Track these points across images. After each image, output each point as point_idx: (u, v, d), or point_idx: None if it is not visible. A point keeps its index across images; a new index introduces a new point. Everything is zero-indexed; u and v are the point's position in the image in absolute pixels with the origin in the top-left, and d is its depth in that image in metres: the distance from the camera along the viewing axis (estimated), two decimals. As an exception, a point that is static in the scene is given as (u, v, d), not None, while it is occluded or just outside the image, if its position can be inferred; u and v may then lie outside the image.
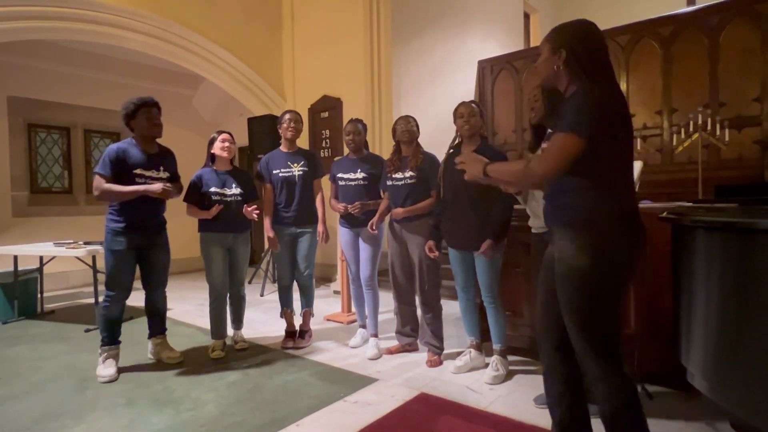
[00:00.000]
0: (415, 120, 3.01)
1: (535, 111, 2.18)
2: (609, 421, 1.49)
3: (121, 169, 2.74)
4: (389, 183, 3.00)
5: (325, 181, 3.36)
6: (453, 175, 2.68)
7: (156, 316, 3.09)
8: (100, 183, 2.70)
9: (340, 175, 3.22)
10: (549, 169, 1.45)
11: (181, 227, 3.34)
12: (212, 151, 3.15)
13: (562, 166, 1.43)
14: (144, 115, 2.81)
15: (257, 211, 3.07)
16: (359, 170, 3.16)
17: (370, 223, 3.04)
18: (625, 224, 1.46)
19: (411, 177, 2.90)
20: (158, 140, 2.98)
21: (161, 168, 2.91)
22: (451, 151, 2.79)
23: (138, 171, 2.79)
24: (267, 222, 3.25)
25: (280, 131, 3.31)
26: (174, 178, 3.03)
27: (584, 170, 1.44)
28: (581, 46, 1.50)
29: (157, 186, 2.76)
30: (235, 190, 3.12)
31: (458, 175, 2.64)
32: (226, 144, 3.13)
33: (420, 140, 3.06)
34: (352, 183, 3.16)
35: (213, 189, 3.07)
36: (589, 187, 1.46)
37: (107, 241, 2.80)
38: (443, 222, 2.75)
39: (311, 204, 3.28)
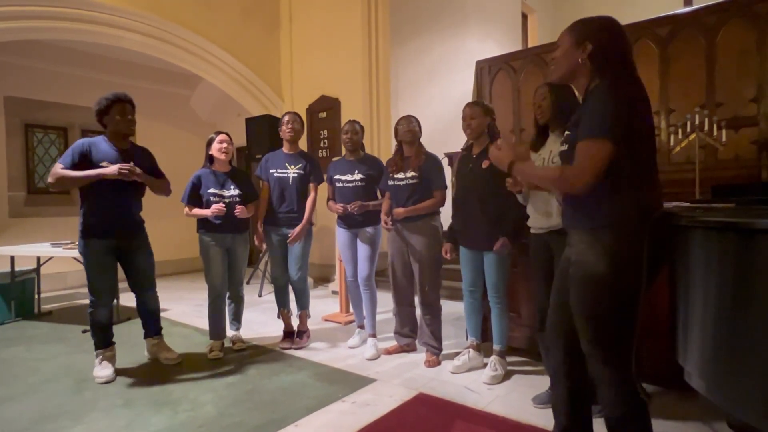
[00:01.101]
0: (417, 120, 3.01)
1: (542, 110, 2.15)
2: (614, 426, 1.47)
3: (86, 163, 2.65)
4: (391, 183, 3.00)
5: (322, 187, 3.36)
6: (464, 175, 2.70)
7: (149, 318, 3.06)
8: (55, 170, 2.60)
9: (337, 176, 3.22)
10: (587, 180, 1.37)
11: (179, 228, 3.34)
12: (210, 153, 3.14)
13: (599, 175, 1.36)
14: (117, 111, 2.75)
15: (243, 209, 3.05)
16: (356, 171, 3.16)
17: (382, 221, 3.02)
18: (644, 226, 1.41)
19: (413, 177, 2.90)
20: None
21: (131, 164, 2.73)
22: (464, 152, 2.81)
23: (104, 164, 2.67)
24: (259, 219, 3.26)
25: (280, 132, 3.31)
26: (154, 176, 2.92)
27: (608, 171, 1.37)
28: (608, 40, 1.44)
29: (112, 168, 2.60)
30: (233, 191, 3.11)
31: (469, 175, 2.67)
32: (224, 145, 3.12)
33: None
34: (350, 184, 3.16)
35: (211, 190, 3.06)
36: (612, 191, 1.40)
37: (80, 246, 2.74)
38: (454, 221, 2.76)
39: (304, 207, 3.26)
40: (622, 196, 1.40)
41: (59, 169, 2.61)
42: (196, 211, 3.06)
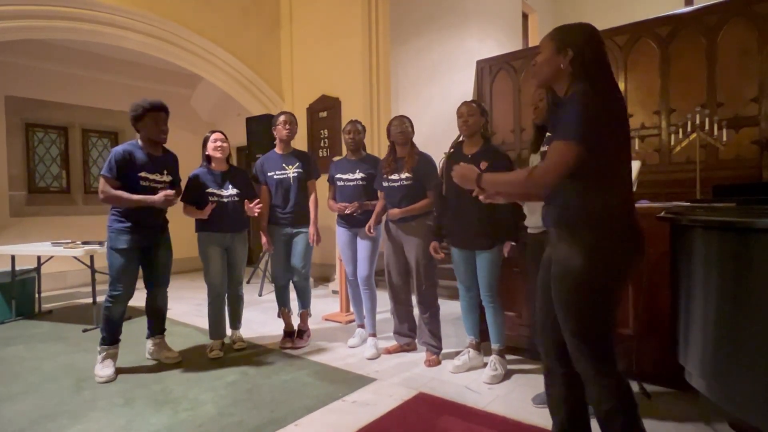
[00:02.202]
0: (409, 120, 3.01)
1: (538, 111, 2.16)
2: (603, 421, 1.49)
3: (126, 172, 2.75)
4: (385, 184, 3.00)
5: (321, 183, 3.36)
6: None
7: (156, 316, 3.08)
8: (106, 187, 2.70)
9: (338, 175, 3.22)
10: (549, 180, 1.44)
11: (179, 227, 3.33)
12: (207, 152, 3.14)
13: (561, 176, 1.42)
14: (152, 119, 2.81)
15: (259, 206, 3.06)
16: (358, 171, 3.16)
17: (366, 226, 3.04)
18: (621, 226, 1.46)
19: (407, 178, 2.90)
20: None
21: (164, 171, 2.92)
22: (452, 150, 2.79)
23: (143, 174, 2.80)
24: (263, 224, 3.26)
25: (275, 132, 3.31)
26: (175, 181, 3.03)
27: (582, 172, 1.43)
28: (588, 47, 1.48)
29: (159, 198, 2.75)
30: (231, 190, 3.11)
31: (478, 189, 2.65)
32: (218, 144, 3.11)
33: (417, 140, 3.06)
34: (351, 183, 3.16)
35: (209, 189, 3.06)
36: (585, 189, 1.46)
37: (111, 240, 2.79)
38: (446, 221, 2.75)
39: (307, 205, 3.28)
40: (596, 195, 1.45)
41: (109, 188, 2.70)
42: (192, 211, 3.06)
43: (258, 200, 3.11)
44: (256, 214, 3.07)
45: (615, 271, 1.46)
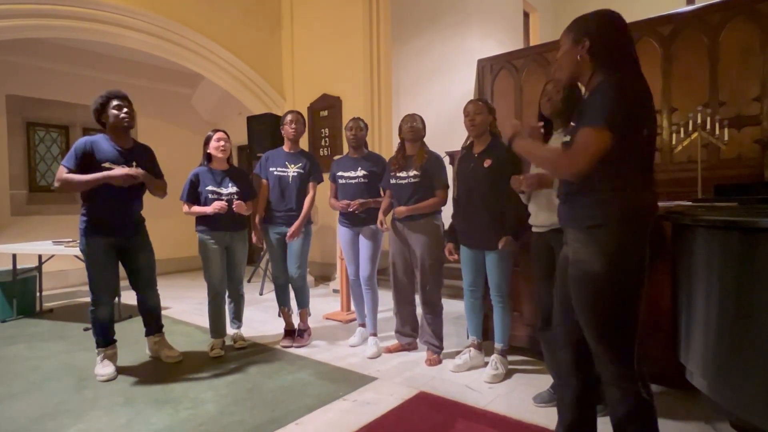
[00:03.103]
0: (421, 118, 3.00)
1: (552, 102, 2.10)
2: (619, 425, 1.47)
3: (89, 163, 2.65)
4: (393, 182, 2.98)
5: (323, 185, 3.36)
6: (465, 174, 2.68)
7: (150, 316, 3.07)
8: (61, 173, 2.62)
9: (340, 173, 3.21)
10: (580, 167, 1.36)
11: (180, 226, 3.34)
12: (208, 151, 3.13)
13: (591, 164, 1.35)
14: (112, 107, 2.75)
15: (244, 205, 3.05)
16: (360, 168, 3.16)
17: (378, 221, 3.03)
18: (642, 225, 1.41)
19: (415, 176, 2.89)
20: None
21: (134, 163, 2.77)
22: (464, 151, 2.79)
23: (107, 164, 2.68)
24: (257, 217, 3.26)
25: (282, 131, 3.30)
26: (154, 175, 2.92)
27: (605, 170, 1.37)
28: (606, 34, 1.43)
29: (118, 171, 2.63)
30: (231, 189, 3.10)
31: (470, 174, 2.65)
32: (222, 143, 3.11)
33: (421, 139, 3.06)
34: (353, 181, 3.16)
35: (209, 188, 3.06)
36: (607, 190, 1.40)
37: (80, 244, 2.74)
38: (455, 221, 2.75)
39: (303, 205, 3.25)
40: (618, 195, 1.39)
41: (65, 173, 2.62)
42: (196, 208, 3.05)
43: (249, 201, 3.09)
44: (244, 212, 3.07)
45: (635, 273, 1.41)
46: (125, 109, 2.77)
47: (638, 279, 1.42)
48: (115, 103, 2.75)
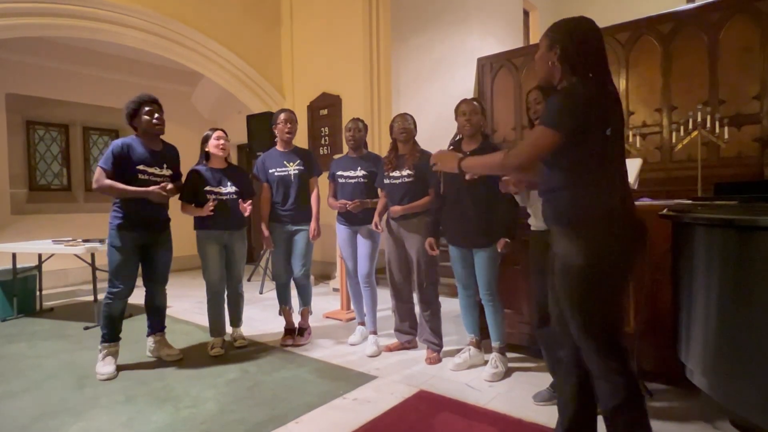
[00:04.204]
0: (412, 118, 3.01)
1: (536, 113, 2.18)
2: (609, 419, 1.49)
3: (124, 165, 2.75)
4: (387, 181, 2.99)
5: (322, 180, 3.36)
6: (455, 173, 2.68)
7: (156, 314, 3.09)
8: (101, 176, 2.71)
9: (339, 173, 3.21)
10: (523, 160, 1.51)
11: (179, 225, 3.32)
12: (207, 150, 3.13)
13: (535, 157, 1.50)
14: (145, 113, 2.82)
15: (250, 207, 3.06)
16: (359, 168, 3.16)
17: (374, 223, 3.03)
18: (617, 221, 1.46)
19: (408, 176, 2.90)
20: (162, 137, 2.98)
21: (164, 165, 2.92)
22: (452, 147, 2.78)
23: (141, 167, 2.80)
24: (263, 222, 3.26)
25: (275, 131, 3.30)
26: (176, 176, 3.03)
27: (573, 168, 1.47)
28: (574, 42, 1.51)
29: (154, 189, 2.74)
30: (230, 188, 3.10)
31: (461, 173, 2.65)
32: (221, 142, 3.11)
33: (419, 138, 3.06)
34: (352, 181, 3.16)
35: (208, 187, 3.06)
36: (579, 185, 1.49)
37: (111, 237, 2.80)
38: (444, 219, 2.74)
39: (308, 202, 3.27)
40: (589, 191, 1.48)
41: (104, 177, 2.70)
42: (191, 209, 3.06)
43: (250, 201, 3.10)
44: (247, 213, 3.07)
45: (615, 265, 1.47)
46: (156, 115, 2.86)
47: (621, 273, 1.49)
48: (147, 108, 2.83)
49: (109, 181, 2.70)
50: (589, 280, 1.46)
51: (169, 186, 2.84)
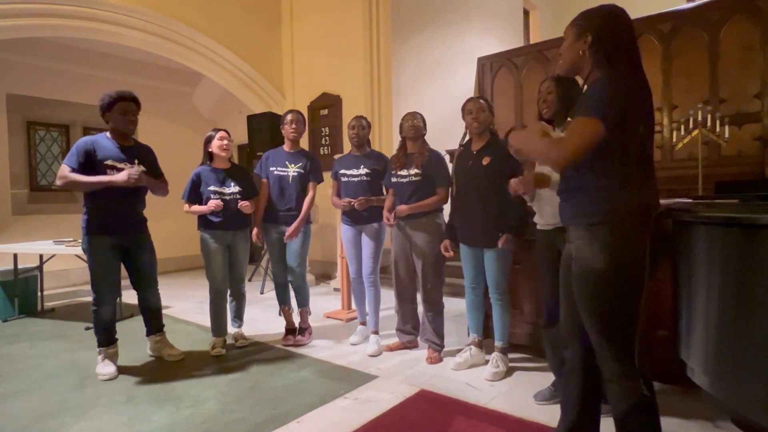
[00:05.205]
0: (422, 116, 3.00)
1: (547, 104, 2.12)
2: (620, 422, 1.48)
3: (91, 162, 2.66)
4: (394, 180, 2.98)
5: (324, 186, 3.35)
6: (464, 172, 2.69)
7: (152, 316, 3.07)
8: (64, 172, 2.61)
9: (343, 171, 3.21)
10: (568, 155, 1.37)
11: (181, 225, 3.34)
12: (210, 150, 3.13)
13: (582, 153, 1.36)
14: (120, 109, 2.74)
15: (248, 204, 3.06)
16: (362, 166, 3.16)
17: (384, 218, 3.01)
18: (644, 222, 1.42)
19: (416, 174, 2.89)
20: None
21: (135, 161, 2.78)
22: (462, 149, 2.79)
23: (109, 162, 2.69)
24: (258, 217, 3.26)
25: (282, 131, 3.30)
26: (155, 175, 2.93)
27: (604, 166, 1.39)
28: (608, 30, 1.45)
29: (121, 176, 2.61)
30: (233, 188, 3.11)
31: (469, 172, 2.66)
32: (225, 142, 3.11)
33: (422, 137, 3.05)
34: (355, 179, 3.16)
35: (211, 187, 3.06)
36: (607, 187, 1.41)
37: (84, 242, 2.74)
38: (454, 219, 2.74)
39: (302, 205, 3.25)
40: (618, 192, 1.40)
41: (68, 172, 2.61)
42: (195, 208, 3.06)
43: (248, 202, 3.10)
44: (247, 211, 3.08)
45: (637, 270, 1.42)
46: (130, 117, 2.77)
47: (640, 275, 1.43)
48: (122, 106, 2.74)
49: (72, 175, 2.59)
50: (608, 286, 1.41)
51: (141, 168, 2.71)
